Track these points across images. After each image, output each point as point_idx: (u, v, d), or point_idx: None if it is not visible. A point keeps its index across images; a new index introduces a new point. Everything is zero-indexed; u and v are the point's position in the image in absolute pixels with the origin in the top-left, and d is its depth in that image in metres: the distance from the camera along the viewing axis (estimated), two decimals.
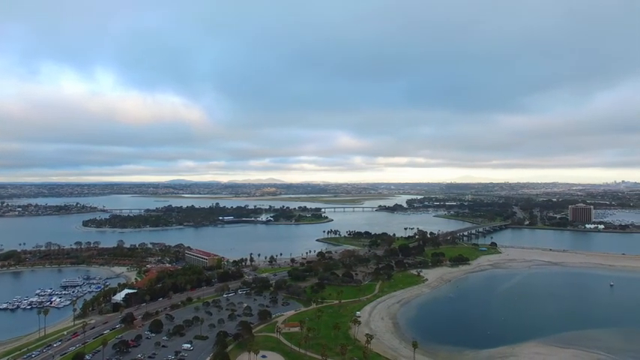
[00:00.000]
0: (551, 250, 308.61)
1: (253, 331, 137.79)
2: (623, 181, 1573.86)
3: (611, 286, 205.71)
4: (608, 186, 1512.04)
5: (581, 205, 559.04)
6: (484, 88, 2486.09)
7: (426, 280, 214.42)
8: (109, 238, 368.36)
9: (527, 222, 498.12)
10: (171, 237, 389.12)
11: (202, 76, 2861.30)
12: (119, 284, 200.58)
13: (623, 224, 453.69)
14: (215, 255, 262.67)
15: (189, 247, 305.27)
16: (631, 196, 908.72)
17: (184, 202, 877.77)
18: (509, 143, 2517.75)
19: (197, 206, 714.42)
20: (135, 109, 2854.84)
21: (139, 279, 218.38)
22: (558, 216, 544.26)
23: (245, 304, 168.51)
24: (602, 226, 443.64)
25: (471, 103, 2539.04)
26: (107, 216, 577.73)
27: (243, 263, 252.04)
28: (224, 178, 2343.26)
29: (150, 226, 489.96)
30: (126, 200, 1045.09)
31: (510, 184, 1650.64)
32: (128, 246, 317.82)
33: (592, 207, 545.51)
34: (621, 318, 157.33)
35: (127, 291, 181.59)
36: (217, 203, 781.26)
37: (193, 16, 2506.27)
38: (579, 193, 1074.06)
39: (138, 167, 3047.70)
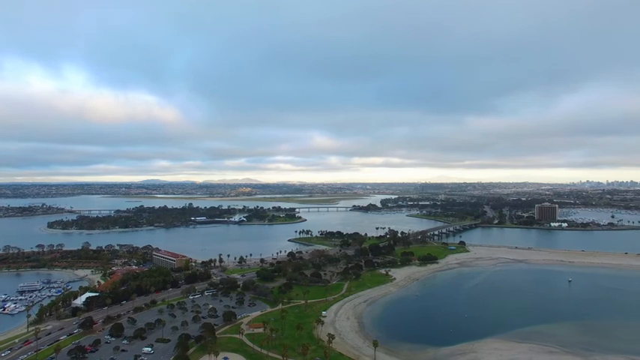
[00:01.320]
0: (516, 248, 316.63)
1: (218, 332, 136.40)
2: (587, 181, 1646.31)
3: (570, 281, 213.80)
4: (574, 185, 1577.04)
5: (547, 204, 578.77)
6: (457, 90, 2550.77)
7: (394, 279, 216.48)
8: (75, 240, 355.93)
9: (496, 221, 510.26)
10: (141, 238, 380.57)
11: (177, 75, 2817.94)
12: (80, 287, 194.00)
13: (584, 222, 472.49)
14: (183, 256, 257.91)
15: (157, 248, 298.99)
16: (594, 196, 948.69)
17: (157, 202, 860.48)
18: (481, 144, 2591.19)
19: (170, 207, 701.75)
20: (107, 107, 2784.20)
21: (102, 282, 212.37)
22: (526, 215, 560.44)
23: (210, 306, 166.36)
24: (565, 224, 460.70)
25: (445, 104, 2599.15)
26: (74, 217, 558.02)
27: (212, 264, 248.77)
28: (199, 178, 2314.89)
29: (119, 227, 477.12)
30: (96, 201, 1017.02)
31: (483, 183, 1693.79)
32: (94, 248, 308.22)
33: (557, 206, 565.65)
34: (575, 312, 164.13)
35: (88, 294, 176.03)
36: (190, 204, 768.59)
37: (167, 15, 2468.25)
38: (547, 192, 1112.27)
39: (110, 167, 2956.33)
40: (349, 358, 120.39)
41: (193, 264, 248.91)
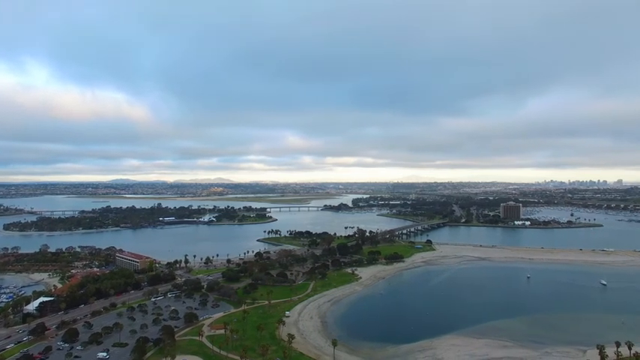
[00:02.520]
0: (481, 246, 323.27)
1: (178, 334, 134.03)
2: (551, 181, 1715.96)
3: (528, 278, 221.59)
4: (539, 185, 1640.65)
5: (512, 203, 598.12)
6: (427, 92, 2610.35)
7: (360, 278, 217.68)
8: (33, 243, 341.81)
9: (463, 219, 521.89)
10: (106, 239, 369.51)
11: (146, 73, 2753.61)
12: (34, 292, 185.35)
13: (546, 221, 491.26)
14: (147, 257, 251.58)
15: (120, 249, 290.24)
16: (556, 195, 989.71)
17: (125, 202, 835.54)
18: (451, 144, 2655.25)
19: (138, 207, 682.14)
20: (73, 104, 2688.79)
21: (60, 285, 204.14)
22: (492, 213, 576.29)
23: (172, 308, 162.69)
24: (528, 223, 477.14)
25: (416, 105, 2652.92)
26: (34, 218, 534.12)
27: (178, 265, 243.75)
28: (170, 178, 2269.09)
29: (83, 229, 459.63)
30: (60, 201, 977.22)
31: (453, 183, 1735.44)
32: (54, 250, 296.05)
33: (521, 205, 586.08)
34: (531, 307, 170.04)
35: (42, 299, 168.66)
36: (159, 204, 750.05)
37: (135, 12, 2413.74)
38: (514, 192, 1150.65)
39: (76, 166, 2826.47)
40: (310, 357, 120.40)
41: (158, 265, 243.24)
